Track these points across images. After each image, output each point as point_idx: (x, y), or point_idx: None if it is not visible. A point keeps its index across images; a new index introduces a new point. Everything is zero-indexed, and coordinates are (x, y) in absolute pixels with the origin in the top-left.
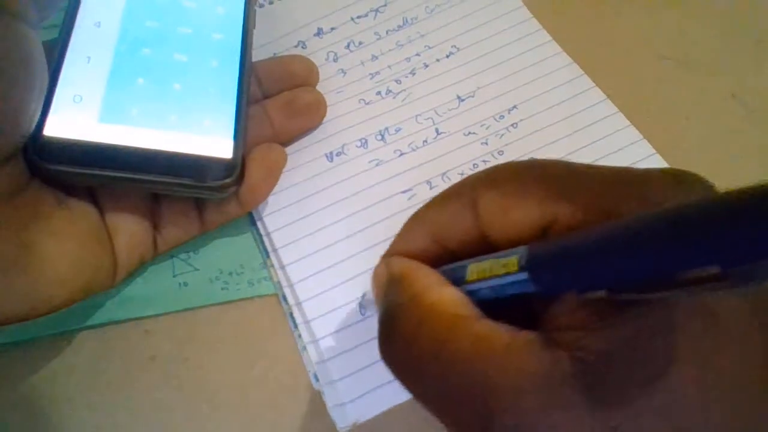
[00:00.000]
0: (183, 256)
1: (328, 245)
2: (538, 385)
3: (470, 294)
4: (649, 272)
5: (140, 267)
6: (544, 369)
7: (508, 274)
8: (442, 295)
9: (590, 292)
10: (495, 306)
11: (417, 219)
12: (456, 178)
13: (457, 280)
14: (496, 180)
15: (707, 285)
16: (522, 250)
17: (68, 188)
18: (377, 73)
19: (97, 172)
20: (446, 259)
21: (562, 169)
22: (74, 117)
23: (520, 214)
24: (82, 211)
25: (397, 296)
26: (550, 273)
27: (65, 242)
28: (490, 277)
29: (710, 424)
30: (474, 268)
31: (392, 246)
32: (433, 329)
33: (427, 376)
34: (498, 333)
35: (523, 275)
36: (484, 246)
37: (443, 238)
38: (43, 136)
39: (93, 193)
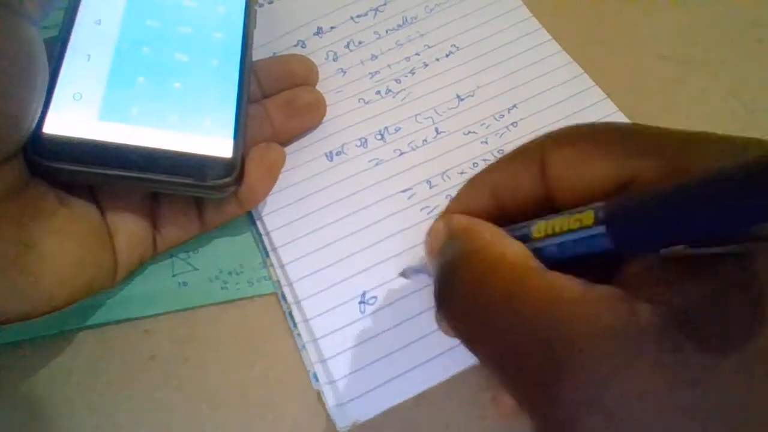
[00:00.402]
0: (182, 255)
1: (327, 244)
2: (615, 337)
3: (534, 253)
4: (731, 222)
5: (140, 266)
6: (621, 321)
7: (581, 229)
8: (509, 247)
9: (669, 248)
10: (558, 269)
11: (478, 178)
12: (456, 177)
13: (521, 239)
14: (570, 137)
15: None
16: (598, 205)
17: (69, 187)
18: (377, 72)
19: (96, 170)
20: (504, 223)
21: (640, 128)
22: (74, 115)
23: (597, 171)
24: (82, 210)
25: (461, 248)
26: (630, 227)
27: (66, 241)
28: (561, 233)
29: None
30: (542, 226)
31: (450, 205)
32: (501, 279)
33: (492, 328)
34: (571, 284)
35: (600, 229)
36: (546, 208)
37: (504, 198)
38: (43, 133)
39: (93, 193)
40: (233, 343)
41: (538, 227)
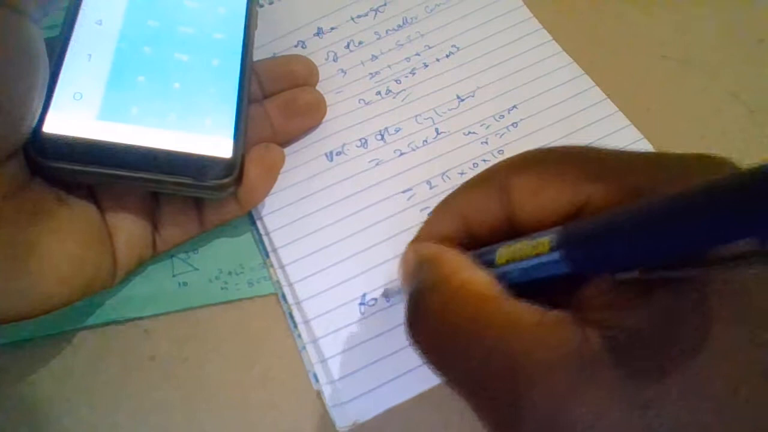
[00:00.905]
0: (182, 255)
1: (327, 245)
2: (569, 362)
3: (499, 278)
4: (685, 247)
5: (139, 266)
6: (575, 346)
7: (539, 254)
8: (471, 275)
9: (622, 273)
10: (521, 293)
11: (445, 205)
12: (456, 178)
13: (486, 264)
14: (528, 163)
15: (743, 260)
16: (554, 230)
17: (69, 187)
18: (377, 72)
19: (96, 169)
20: (473, 246)
21: (594, 153)
22: (74, 114)
23: (553, 195)
24: (82, 209)
25: (427, 277)
26: (583, 251)
27: (66, 241)
28: (521, 259)
29: (736, 411)
30: (504, 251)
31: (420, 232)
32: (462, 307)
33: (455, 355)
34: (528, 311)
35: (555, 255)
36: (512, 232)
37: (472, 222)
38: (43, 133)
39: (93, 192)
40: (233, 344)
41: (500, 253)
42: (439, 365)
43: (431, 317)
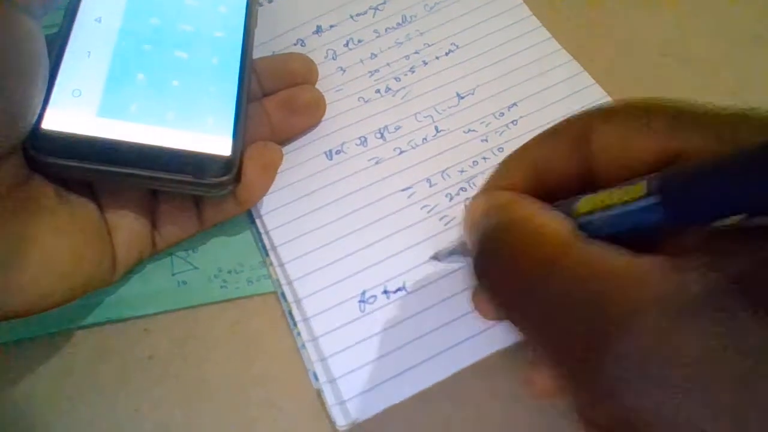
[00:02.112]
0: (182, 254)
1: (327, 243)
2: (664, 305)
3: (579, 227)
4: None
5: (139, 264)
6: (670, 290)
7: (632, 201)
8: (552, 218)
9: (722, 219)
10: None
11: (518, 154)
12: (456, 176)
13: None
14: (615, 112)
15: None
16: (651, 176)
17: (68, 184)
18: (376, 70)
19: (95, 166)
20: (544, 199)
21: (687, 104)
22: (73, 111)
23: (644, 145)
24: (82, 206)
25: (502, 218)
26: (685, 196)
27: (65, 237)
28: (610, 206)
29: None
30: (588, 200)
31: (489, 181)
32: (544, 247)
33: (534, 297)
34: (618, 253)
35: (653, 200)
36: (587, 185)
37: (544, 174)
38: (42, 129)
39: (92, 189)
40: (233, 342)
41: (584, 201)
42: (515, 310)
43: (509, 258)
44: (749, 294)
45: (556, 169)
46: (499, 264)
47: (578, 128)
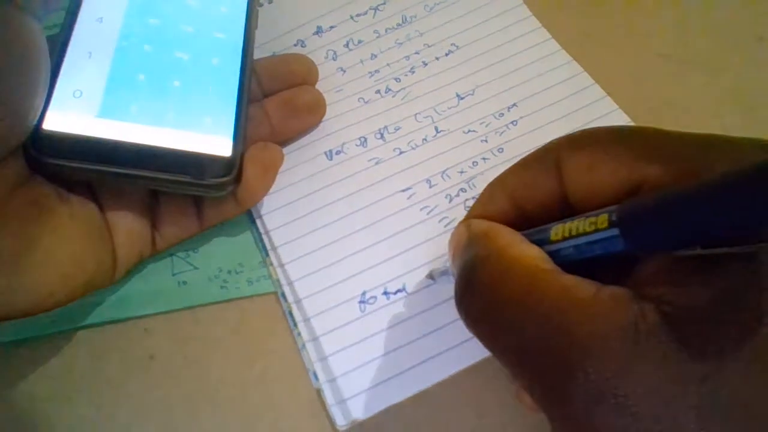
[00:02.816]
0: (182, 254)
1: (327, 243)
2: (625, 335)
3: (552, 255)
4: (744, 222)
5: (139, 264)
6: (632, 319)
7: (596, 231)
8: (526, 249)
9: (681, 250)
10: (572, 273)
11: (497, 183)
12: (456, 176)
13: (539, 242)
14: (583, 141)
15: None
16: (612, 208)
17: (69, 184)
18: (376, 71)
19: (96, 167)
20: (523, 225)
21: (651, 132)
22: (74, 112)
23: (608, 174)
24: (82, 207)
25: (480, 250)
26: (642, 228)
27: (67, 238)
28: (577, 236)
29: None
30: (558, 229)
31: (471, 210)
32: (517, 278)
33: (508, 327)
34: (583, 285)
35: (614, 231)
36: (563, 211)
37: (523, 200)
38: (43, 130)
39: (93, 190)
40: (233, 342)
41: (556, 230)
42: (489, 336)
43: (485, 288)
44: (698, 326)
45: (533, 197)
46: (476, 296)
47: (550, 158)
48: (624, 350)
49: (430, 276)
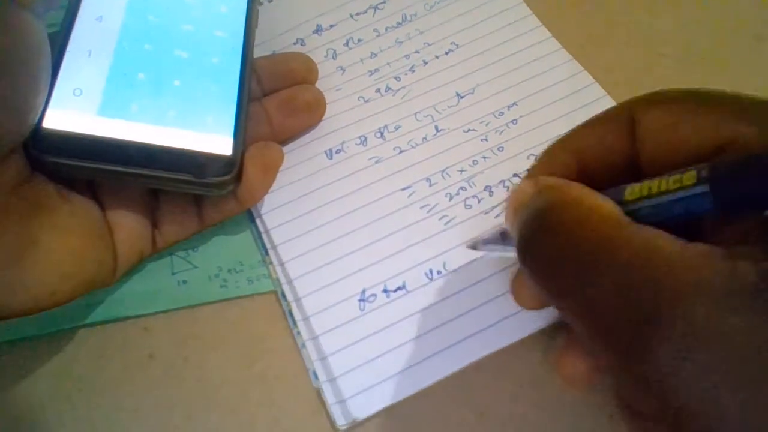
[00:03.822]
0: (182, 253)
1: (327, 242)
2: (714, 293)
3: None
4: None
5: (139, 263)
6: (722, 278)
7: (682, 189)
8: (602, 201)
9: None
10: None
11: (562, 141)
12: (456, 175)
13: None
14: (663, 99)
15: None
16: (702, 165)
17: (69, 183)
18: (376, 70)
19: (96, 165)
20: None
21: (732, 94)
22: (74, 110)
23: (692, 132)
24: (83, 205)
25: (551, 200)
26: (735, 186)
27: (67, 236)
28: (658, 194)
29: None
30: (636, 188)
31: (534, 168)
32: (594, 230)
33: (581, 279)
34: (668, 240)
35: (703, 188)
36: (631, 173)
37: (590, 160)
38: (43, 128)
39: (93, 189)
40: (233, 342)
41: (632, 189)
42: (560, 292)
43: (563, 230)
44: None
45: (601, 158)
46: (546, 246)
47: (623, 115)
48: (713, 309)
49: (473, 246)
